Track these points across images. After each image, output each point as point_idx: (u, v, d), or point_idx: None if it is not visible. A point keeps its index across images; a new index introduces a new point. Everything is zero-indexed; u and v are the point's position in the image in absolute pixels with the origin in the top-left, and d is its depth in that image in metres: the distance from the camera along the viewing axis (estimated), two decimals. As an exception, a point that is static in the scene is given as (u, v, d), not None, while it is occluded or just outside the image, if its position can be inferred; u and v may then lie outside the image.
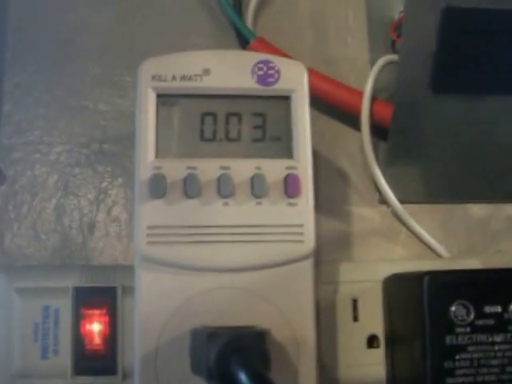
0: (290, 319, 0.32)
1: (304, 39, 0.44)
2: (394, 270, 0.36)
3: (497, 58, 0.38)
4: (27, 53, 0.42)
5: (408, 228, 0.41)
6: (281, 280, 0.32)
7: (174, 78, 0.33)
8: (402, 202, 0.41)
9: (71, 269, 0.36)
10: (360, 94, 0.41)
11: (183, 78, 0.33)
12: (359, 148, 0.42)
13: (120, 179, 0.41)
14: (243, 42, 0.43)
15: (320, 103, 0.42)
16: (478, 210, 0.43)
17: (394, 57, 0.42)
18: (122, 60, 0.42)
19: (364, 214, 0.42)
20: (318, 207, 0.40)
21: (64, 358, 0.34)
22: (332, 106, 0.42)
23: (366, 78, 0.41)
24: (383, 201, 0.42)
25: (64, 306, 0.34)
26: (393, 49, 0.44)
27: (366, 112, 0.41)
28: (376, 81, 0.41)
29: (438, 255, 0.41)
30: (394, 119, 0.40)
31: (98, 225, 0.40)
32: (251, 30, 0.43)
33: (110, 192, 0.41)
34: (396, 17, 0.44)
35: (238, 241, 0.32)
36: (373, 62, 0.42)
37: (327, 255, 0.40)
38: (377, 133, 0.42)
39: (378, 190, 0.42)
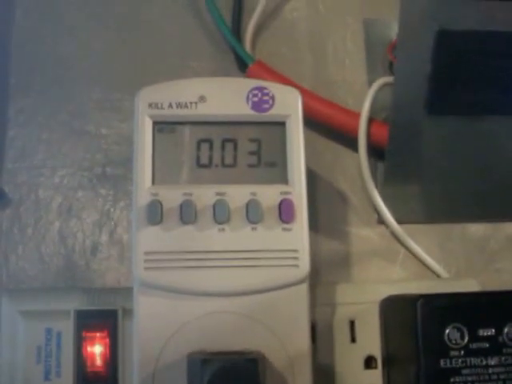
0: (285, 342, 0.32)
1: (302, 62, 0.45)
2: (391, 291, 0.36)
3: (490, 78, 0.39)
4: (30, 79, 0.43)
5: (406, 248, 0.42)
6: (276, 304, 0.32)
7: (170, 105, 0.34)
8: (400, 222, 0.42)
9: (73, 292, 0.37)
10: (357, 115, 0.42)
11: (179, 105, 0.34)
12: (357, 169, 0.43)
13: (122, 202, 0.42)
14: (242, 65, 0.43)
15: (318, 125, 0.42)
16: (476, 229, 0.43)
17: (390, 78, 0.42)
18: (122, 84, 0.43)
19: (362, 235, 0.42)
20: (317, 228, 0.41)
21: (66, 379, 0.35)
22: (330, 128, 0.43)
23: (363, 100, 0.42)
24: (381, 221, 0.42)
25: (66, 328, 0.35)
26: (390, 70, 0.45)
27: (363, 133, 0.41)
28: (373, 102, 0.42)
29: (437, 275, 0.41)
30: (390, 140, 0.41)
31: (101, 247, 0.41)
32: (250, 54, 0.43)
33: (112, 215, 0.41)
34: (393, 38, 0.45)
35: (234, 266, 0.32)
36: (370, 84, 0.43)
37: (326, 276, 0.40)
38: (374, 154, 0.42)
39: (376, 210, 0.42)
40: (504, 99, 0.39)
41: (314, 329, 0.35)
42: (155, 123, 0.33)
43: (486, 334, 0.32)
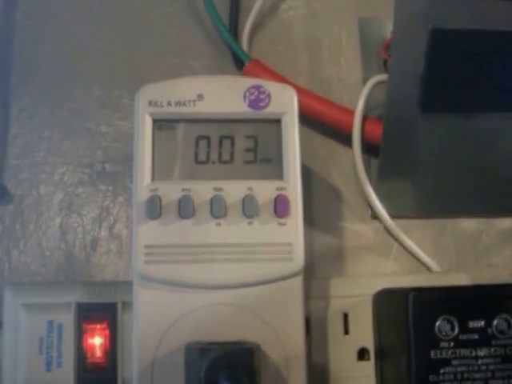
0: (280, 334, 0.33)
1: (298, 60, 0.46)
2: (384, 285, 0.37)
3: (483, 77, 0.40)
4: (32, 77, 0.44)
5: (399, 243, 0.43)
6: (271, 296, 0.33)
7: (169, 103, 0.34)
8: (393, 217, 0.42)
9: (74, 285, 0.37)
10: (352, 112, 0.43)
11: (178, 103, 0.35)
12: (351, 165, 0.43)
13: (121, 198, 0.42)
14: (239, 64, 0.44)
15: (313, 122, 0.43)
16: (468, 224, 0.44)
17: (385, 76, 0.43)
18: (121, 83, 0.44)
19: (356, 230, 0.43)
20: (311, 223, 0.42)
21: (67, 370, 0.35)
22: (325, 125, 0.43)
23: (358, 97, 0.43)
24: (375, 216, 0.43)
25: (67, 320, 0.36)
26: (385, 68, 0.45)
27: (357, 130, 0.42)
28: (367, 100, 0.43)
29: (429, 269, 0.42)
30: (384, 137, 0.41)
31: (101, 242, 0.42)
32: (247, 53, 0.44)
33: (111, 210, 0.42)
34: (388, 37, 0.46)
35: (230, 259, 0.33)
36: (365, 82, 0.44)
37: (321, 270, 0.41)
38: (368, 150, 0.43)
39: (369, 205, 0.43)
40: (497, 97, 0.40)
41: (308, 321, 0.36)
42: (155, 121, 0.34)
43: (475, 325, 0.33)
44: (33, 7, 0.45)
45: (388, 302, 0.36)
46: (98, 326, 0.36)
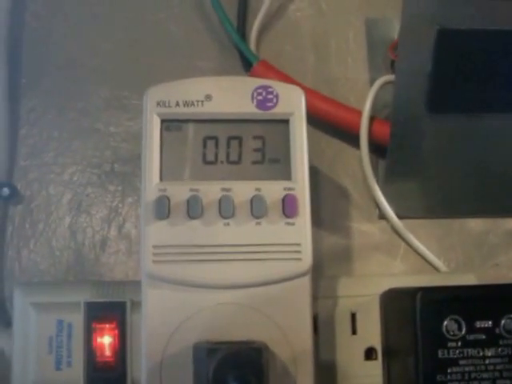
0: (288, 333, 0.33)
1: (305, 61, 0.46)
2: (391, 285, 0.37)
3: (490, 77, 0.40)
4: (41, 79, 0.44)
5: (407, 243, 0.43)
6: (279, 296, 0.33)
7: (177, 104, 0.35)
8: (400, 217, 0.43)
9: (83, 284, 0.38)
10: (359, 113, 0.43)
11: (186, 103, 0.35)
12: (359, 165, 0.44)
13: (130, 198, 0.43)
14: (247, 65, 0.44)
15: (321, 122, 0.43)
16: (475, 224, 0.44)
17: (392, 77, 0.43)
18: (130, 83, 0.44)
19: (364, 230, 0.43)
20: (319, 223, 0.42)
21: (77, 369, 0.36)
22: (333, 126, 0.44)
23: (365, 98, 0.43)
24: (382, 216, 0.43)
25: (77, 320, 0.36)
26: (392, 68, 0.45)
27: (364, 131, 0.42)
28: (375, 100, 0.43)
29: (436, 269, 0.42)
30: (391, 137, 0.41)
31: (110, 242, 0.42)
32: (254, 54, 0.44)
33: (120, 210, 0.43)
34: (395, 37, 0.46)
35: (239, 259, 0.33)
36: (372, 82, 0.44)
37: (328, 269, 0.41)
38: (376, 150, 0.43)
39: (377, 205, 0.43)
40: (504, 97, 0.40)
41: (315, 321, 0.36)
42: (163, 121, 0.35)
43: (483, 325, 0.33)
44: (41, 8, 0.45)
45: (395, 302, 0.36)
46: (107, 326, 0.36)
